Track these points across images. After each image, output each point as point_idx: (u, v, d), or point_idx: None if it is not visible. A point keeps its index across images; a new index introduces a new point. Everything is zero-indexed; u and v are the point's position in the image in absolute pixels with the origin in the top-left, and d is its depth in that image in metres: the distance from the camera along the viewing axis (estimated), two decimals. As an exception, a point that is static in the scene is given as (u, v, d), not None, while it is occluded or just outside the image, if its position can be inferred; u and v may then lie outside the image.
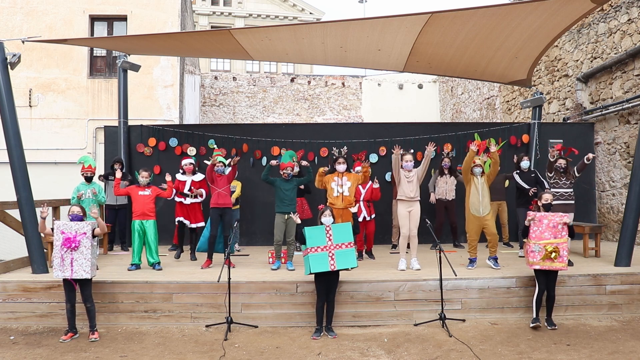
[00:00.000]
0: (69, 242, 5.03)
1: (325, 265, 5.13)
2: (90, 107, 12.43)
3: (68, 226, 5.10)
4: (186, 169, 7.61)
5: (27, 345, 5.00)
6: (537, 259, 5.34)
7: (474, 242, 6.55)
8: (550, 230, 5.35)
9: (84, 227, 5.11)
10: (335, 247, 5.19)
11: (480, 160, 6.62)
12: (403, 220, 6.44)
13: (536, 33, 7.12)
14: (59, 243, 5.06)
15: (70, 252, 5.04)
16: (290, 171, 6.66)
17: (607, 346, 4.84)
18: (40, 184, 8.71)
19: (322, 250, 5.17)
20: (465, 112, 16.78)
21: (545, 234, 5.35)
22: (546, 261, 5.31)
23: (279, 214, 6.54)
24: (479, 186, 6.47)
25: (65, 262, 5.04)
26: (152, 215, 6.60)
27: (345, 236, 5.25)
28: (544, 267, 5.34)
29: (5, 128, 6.22)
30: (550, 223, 5.36)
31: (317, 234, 5.19)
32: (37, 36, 8.34)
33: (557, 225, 5.35)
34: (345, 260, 5.18)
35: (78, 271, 5.06)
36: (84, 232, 5.09)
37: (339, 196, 6.72)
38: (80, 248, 5.07)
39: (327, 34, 7.20)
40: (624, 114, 8.76)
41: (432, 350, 4.79)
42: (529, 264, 5.42)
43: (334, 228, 5.25)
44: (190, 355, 4.72)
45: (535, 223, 5.40)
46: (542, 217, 5.41)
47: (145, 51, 9.06)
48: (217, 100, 18.84)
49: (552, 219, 5.38)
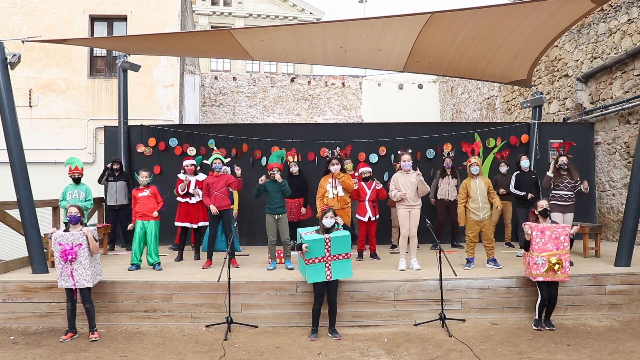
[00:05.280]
0: (65, 254, 5.06)
1: (322, 276, 5.19)
2: (90, 107, 12.43)
3: (64, 237, 5.12)
4: (188, 169, 7.54)
5: (27, 345, 5.00)
6: (540, 271, 5.29)
7: (472, 243, 6.56)
8: (553, 242, 5.29)
9: (79, 238, 5.12)
10: (332, 257, 5.22)
11: (477, 159, 6.62)
12: (403, 220, 6.44)
13: (536, 33, 7.12)
14: (57, 255, 5.11)
15: (69, 263, 5.06)
16: (277, 171, 6.63)
17: (607, 346, 4.84)
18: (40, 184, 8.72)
19: (319, 261, 5.19)
20: (465, 112, 16.78)
21: (547, 246, 5.29)
22: (549, 273, 5.27)
23: (268, 215, 6.57)
24: (477, 191, 6.47)
25: (66, 273, 5.09)
26: (153, 216, 6.59)
27: (344, 247, 5.26)
28: (547, 279, 5.31)
29: (5, 128, 6.22)
30: (553, 234, 5.30)
31: (317, 246, 5.20)
32: (37, 36, 8.35)
33: (559, 237, 5.30)
34: (341, 271, 5.25)
35: (79, 281, 5.11)
36: (80, 244, 5.11)
37: (335, 197, 6.72)
38: (79, 259, 5.10)
39: (327, 34, 7.20)
40: (624, 114, 8.76)
41: (432, 350, 4.79)
42: (532, 276, 5.36)
43: (333, 240, 5.24)
44: (190, 355, 4.72)
45: (538, 235, 5.33)
46: (544, 229, 5.32)
47: (145, 51, 9.06)
48: (217, 100, 18.84)
49: (554, 230, 5.31)
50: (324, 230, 5.30)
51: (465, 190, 6.55)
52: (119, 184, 8.29)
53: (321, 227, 5.34)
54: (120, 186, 8.30)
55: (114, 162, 8.36)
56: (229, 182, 6.87)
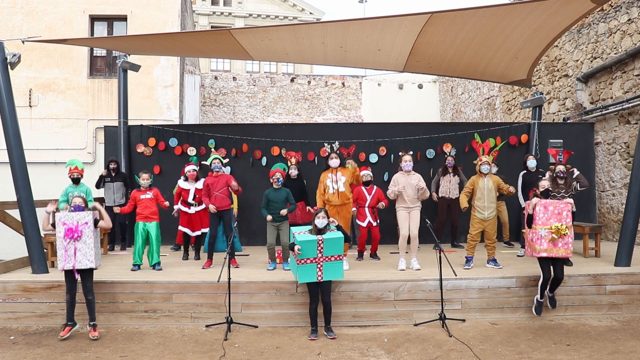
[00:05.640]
0: (71, 232, 5.03)
1: (312, 276, 5.19)
2: (90, 107, 12.43)
3: (69, 217, 5.11)
4: (189, 175, 7.46)
5: (27, 345, 5.00)
6: (543, 245, 5.29)
7: (473, 242, 6.56)
8: (556, 217, 5.32)
9: (85, 217, 5.12)
10: (324, 259, 5.22)
11: (487, 158, 6.61)
12: (402, 221, 6.44)
13: (536, 33, 7.12)
14: (61, 235, 5.07)
15: (73, 242, 5.04)
16: (279, 176, 6.61)
17: (607, 346, 4.84)
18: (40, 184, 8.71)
19: (311, 262, 5.19)
20: (465, 112, 16.78)
21: (551, 220, 5.32)
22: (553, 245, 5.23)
23: (270, 223, 6.54)
24: (485, 190, 6.46)
25: (69, 253, 5.05)
26: (155, 217, 6.59)
27: (336, 249, 5.26)
28: (551, 255, 5.29)
29: (5, 128, 6.22)
30: (556, 209, 5.34)
31: (309, 247, 5.19)
32: (37, 36, 8.35)
33: (561, 212, 5.32)
34: (332, 272, 5.24)
35: (82, 261, 5.07)
36: (86, 222, 5.10)
37: (335, 193, 6.66)
38: (83, 238, 5.08)
39: (327, 34, 7.20)
40: (624, 114, 8.76)
41: (432, 350, 4.79)
42: (535, 251, 5.35)
43: (325, 242, 5.23)
44: (190, 355, 4.72)
45: (541, 210, 5.36)
46: (547, 204, 5.37)
47: (145, 51, 9.06)
48: (217, 100, 18.84)
49: (557, 205, 5.36)
50: (316, 231, 5.29)
51: (472, 185, 6.56)
52: (116, 185, 8.28)
53: (314, 228, 5.33)
54: (117, 186, 8.28)
55: (111, 162, 8.37)
56: (229, 182, 6.87)
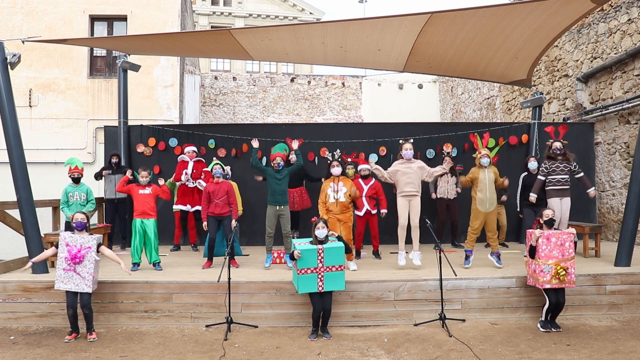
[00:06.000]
0: (74, 257, 5.02)
1: (313, 287, 5.17)
2: (90, 107, 12.43)
3: (73, 239, 5.09)
4: (189, 155, 7.87)
5: (27, 345, 5.00)
6: (547, 278, 5.27)
7: (474, 235, 6.56)
8: (559, 249, 5.28)
9: (89, 242, 5.11)
10: (325, 269, 5.20)
11: (487, 151, 6.61)
12: (401, 209, 6.38)
13: (536, 33, 7.12)
14: (63, 255, 5.06)
15: (73, 265, 5.04)
16: (280, 161, 6.63)
17: (607, 346, 4.84)
18: (40, 184, 8.72)
19: (312, 271, 5.18)
20: (465, 112, 16.78)
21: (553, 252, 5.27)
22: (556, 279, 5.24)
23: (270, 206, 6.53)
24: (486, 182, 6.46)
25: (67, 275, 5.05)
26: (152, 214, 6.60)
27: (337, 259, 5.24)
28: (554, 286, 5.29)
29: (5, 128, 6.21)
30: (558, 241, 5.29)
31: (309, 256, 5.18)
32: (37, 36, 8.34)
33: (564, 243, 5.28)
34: (333, 282, 5.22)
35: (80, 285, 5.06)
36: (89, 247, 5.09)
37: (335, 202, 6.65)
38: (84, 262, 5.07)
39: (327, 34, 7.20)
40: (624, 114, 8.76)
41: (432, 350, 4.79)
42: (539, 283, 5.32)
43: (326, 251, 5.22)
44: (190, 355, 4.72)
45: (544, 242, 5.30)
46: (549, 235, 5.30)
47: (145, 51, 9.06)
48: (217, 100, 18.84)
49: (560, 237, 5.30)
50: (317, 242, 5.30)
51: (472, 175, 6.54)
52: (118, 177, 8.26)
53: (314, 239, 5.33)
54: (119, 179, 8.28)
55: (113, 156, 8.42)
56: (229, 190, 6.84)
